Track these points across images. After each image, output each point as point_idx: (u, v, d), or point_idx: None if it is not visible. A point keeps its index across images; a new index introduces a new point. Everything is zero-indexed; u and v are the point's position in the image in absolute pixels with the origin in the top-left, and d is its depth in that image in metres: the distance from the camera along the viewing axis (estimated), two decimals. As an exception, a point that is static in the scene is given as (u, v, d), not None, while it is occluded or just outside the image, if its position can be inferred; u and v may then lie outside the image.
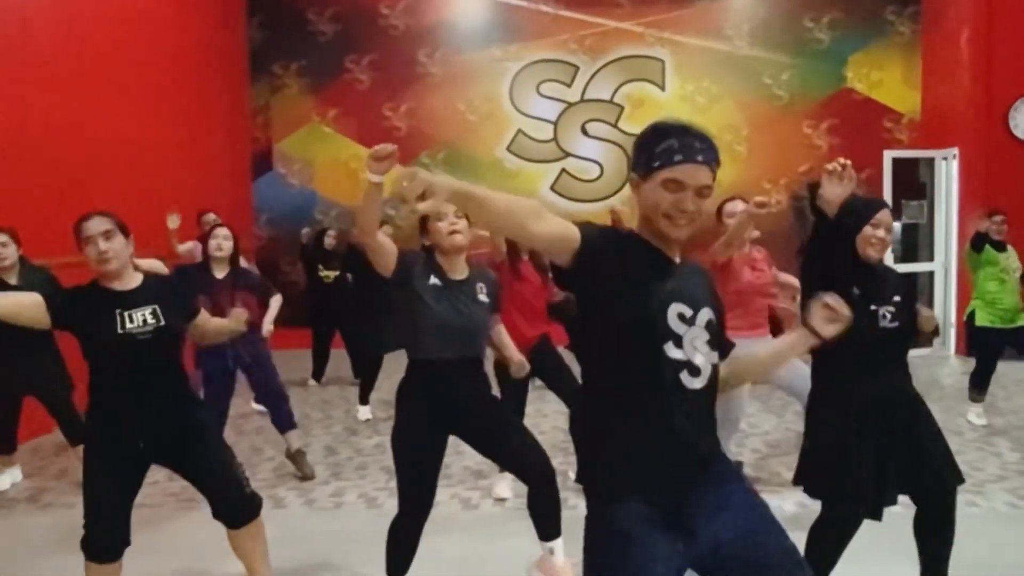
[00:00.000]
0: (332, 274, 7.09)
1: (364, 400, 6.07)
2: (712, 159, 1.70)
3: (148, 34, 7.17)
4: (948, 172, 8.19)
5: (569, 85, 9.20)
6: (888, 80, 9.00)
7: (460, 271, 2.81)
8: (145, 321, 2.60)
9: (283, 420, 4.68)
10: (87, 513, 2.61)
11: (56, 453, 5.19)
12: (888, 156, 8.09)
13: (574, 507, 4.10)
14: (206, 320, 2.86)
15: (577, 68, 9.18)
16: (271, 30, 9.34)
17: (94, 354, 2.64)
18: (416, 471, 2.79)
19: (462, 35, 9.24)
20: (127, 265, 2.69)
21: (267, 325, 4.45)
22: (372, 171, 2.44)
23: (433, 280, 2.72)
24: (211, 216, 6.20)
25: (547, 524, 2.99)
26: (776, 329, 4.69)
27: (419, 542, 2.85)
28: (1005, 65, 7.91)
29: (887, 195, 8.12)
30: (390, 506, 4.18)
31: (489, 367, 2.94)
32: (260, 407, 5.43)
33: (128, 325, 2.58)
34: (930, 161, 8.59)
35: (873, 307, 2.60)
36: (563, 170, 9.25)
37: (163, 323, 2.62)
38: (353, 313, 6.20)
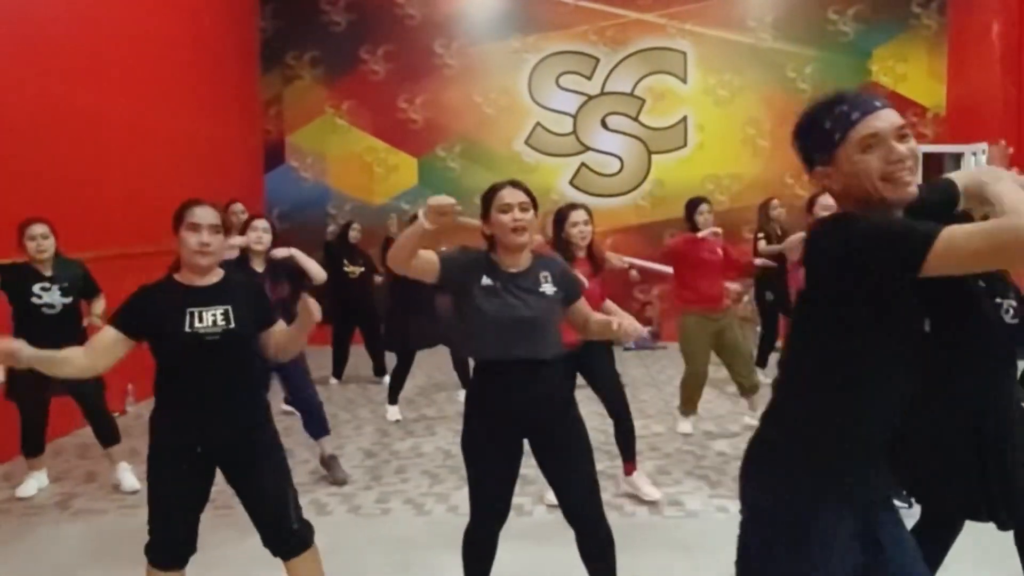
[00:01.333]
0: (357, 270, 6.91)
1: (393, 400, 5.89)
2: (887, 103, 1.58)
3: (158, 24, 6.95)
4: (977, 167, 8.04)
5: (589, 78, 9.02)
6: (913, 74, 8.86)
7: (519, 263, 2.60)
8: (215, 322, 2.44)
9: (317, 426, 4.51)
10: (151, 517, 2.45)
11: (80, 455, 5.00)
12: (919, 151, 7.93)
13: (632, 514, 3.96)
14: (280, 331, 2.65)
15: (597, 60, 9.00)
16: (284, 20, 9.11)
17: (160, 351, 2.48)
18: (485, 478, 2.63)
19: (479, 26, 9.04)
20: (216, 264, 2.55)
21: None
22: (430, 222, 2.42)
23: (486, 280, 2.53)
24: (239, 206, 5.99)
25: (603, 571, 2.70)
26: None
27: (497, 549, 2.70)
28: (1036, 58, 7.79)
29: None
30: (438, 512, 4.06)
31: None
32: (289, 408, 5.24)
33: (196, 324, 2.42)
34: (956, 157, 8.46)
35: (997, 300, 2.45)
36: (583, 164, 9.07)
37: (233, 326, 2.45)
38: (386, 311, 6.00)
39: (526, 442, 2.63)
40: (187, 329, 2.40)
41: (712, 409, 5.90)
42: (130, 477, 4.34)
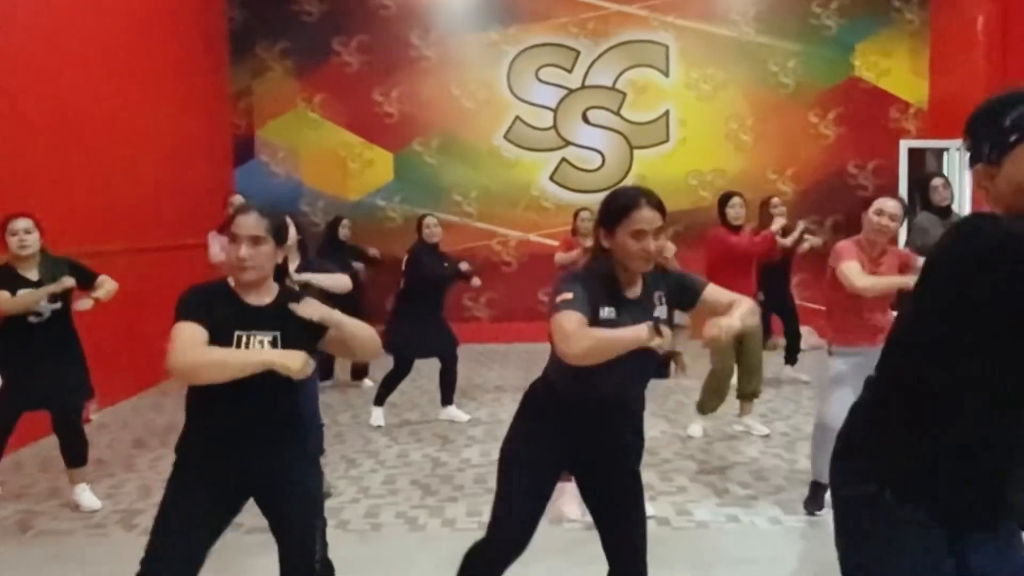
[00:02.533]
0: (361, 267, 6.77)
1: (380, 402, 5.60)
2: None
3: (122, 14, 6.59)
4: (962, 163, 7.98)
5: (570, 71, 8.81)
6: (896, 69, 8.79)
7: (636, 285, 2.33)
8: (261, 347, 2.18)
9: (313, 446, 4.22)
10: (149, 547, 2.16)
11: (42, 469, 4.65)
12: (904, 146, 7.87)
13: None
14: (340, 328, 2.30)
15: (578, 53, 8.79)
16: (253, 9, 8.76)
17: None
18: (522, 497, 2.39)
19: (457, 16, 8.78)
20: (267, 278, 2.25)
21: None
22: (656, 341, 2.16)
23: (605, 312, 2.25)
24: (238, 198, 5.70)
25: None
26: None
27: None
28: (1020, 53, 7.74)
29: (903, 186, 7.93)
30: (433, 527, 3.81)
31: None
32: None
33: (242, 349, 2.17)
34: (937, 152, 8.41)
35: None
36: (563, 159, 8.86)
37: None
38: (393, 313, 5.71)
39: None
40: None
41: (707, 411, 5.73)
42: (90, 497, 4.01)
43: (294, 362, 2.07)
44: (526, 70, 8.80)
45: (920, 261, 3.82)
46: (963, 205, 7.99)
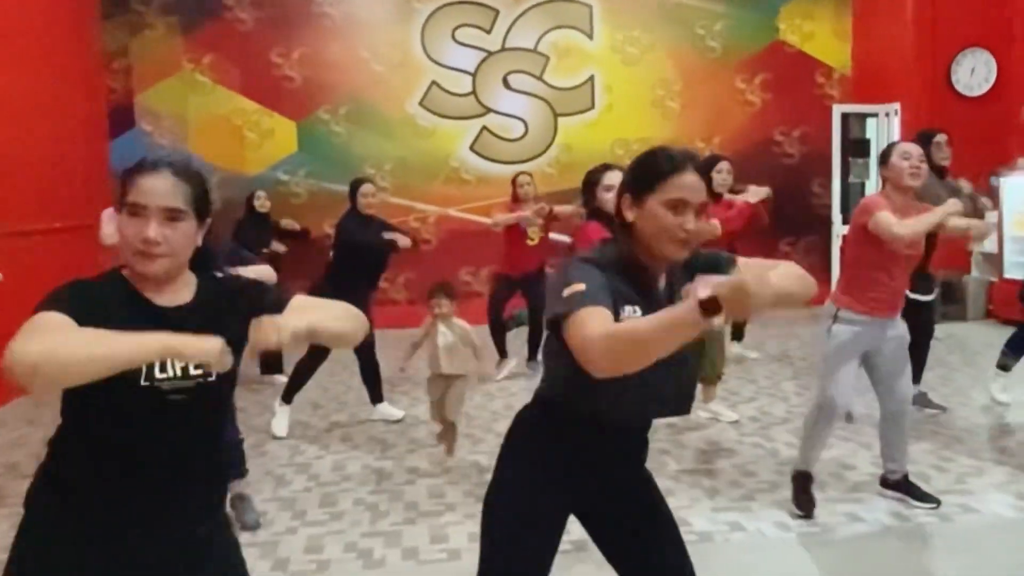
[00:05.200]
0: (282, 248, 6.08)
1: (288, 398, 4.85)
2: None
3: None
4: (890, 128, 7.88)
5: (488, 31, 8.17)
6: (820, 33, 8.60)
7: (661, 278, 1.80)
8: (186, 370, 1.51)
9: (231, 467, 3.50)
10: None
11: None
12: (837, 111, 7.68)
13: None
14: (320, 334, 1.60)
15: (497, 12, 8.15)
16: (126, -44, 7.67)
17: (85, 403, 1.48)
18: (525, 553, 1.84)
19: (364, -30, 7.98)
20: (182, 268, 1.57)
21: None
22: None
23: (627, 311, 1.68)
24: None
25: None
26: None
27: None
28: (947, 18, 7.67)
29: (836, 153, 7.74)
30: (393, 561, 3.19)
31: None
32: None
33: (157, 372, 1.49)
34: (861, 117, 8.29)
35: None
36: (484, 127, 8.24)
37: (213, 377, 1.52)
38: (320, 295, 4.97)
39: None
40: (143, 382, 1.47)
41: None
42: None
43: (211, 347, 1.34)
44: (441, 31, 8.10)
45: (955, 220, 3.51)
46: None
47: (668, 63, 8.40)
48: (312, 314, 1.56)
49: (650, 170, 1.74)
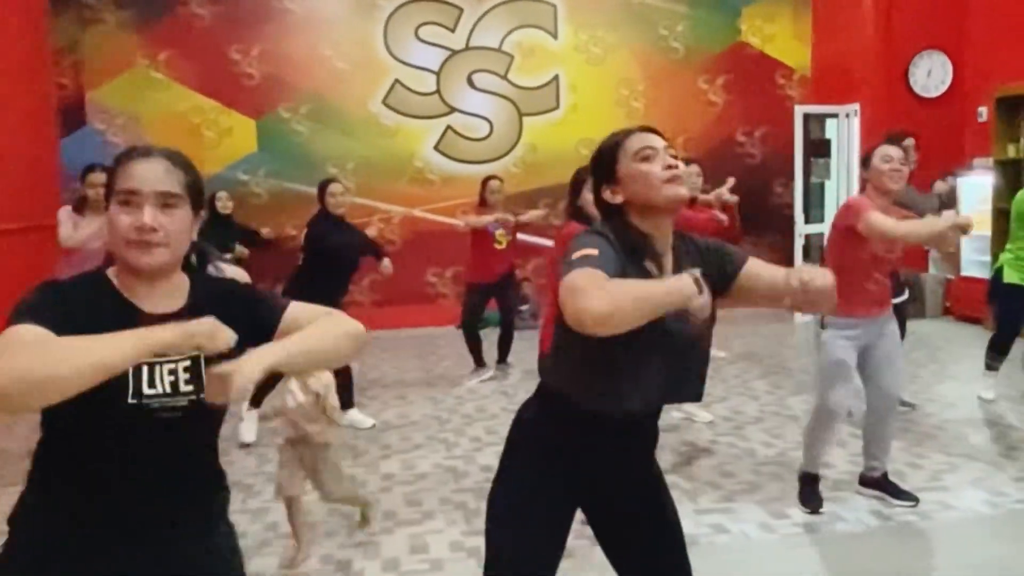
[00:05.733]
0: (245, 251, 5.91)
1: (257, 402, 4.70)
2: None
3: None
4: (850, 129, 7.99)
5: (452, 30, 8.07)
6: (780, 34, 8.68)
7: (666, 251, 1.76)
8: (175, 386, 1.39)
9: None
10: None
11: None
12: (799, 112, 7.75)
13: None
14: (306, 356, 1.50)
15: (461, 10, 8.06)
16: (76, -52, 7.41)
17: (68, 423, 1.36)
18: (529, 548, 1.81)
19: (324, -34, 7.82)
20: (175, 264, 1.45)
21: None
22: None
23: None
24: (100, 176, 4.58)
25: None
26: None
27: None
28: (905, 21, 7.80)
29: (799, 153, 7.82)
30: (372, 571, 3.10)
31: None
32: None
33: (146, 389, 1.36)
34: (821, 118, 8.39)
35: None
36: (448, 127, 8.14)
37: (204, 393, 1.39)
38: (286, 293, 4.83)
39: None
40: (129, 399, 1.35)
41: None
42: None
43: (217, 331, 1.27)
44: (404, 28, 7.98)
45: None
46: (851, 171, 8.01)
47: (632, 63, 8.40)
48: (303, 338, 1.43)
49: (607, 147, 1.79)
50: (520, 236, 6.33)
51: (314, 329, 1.46)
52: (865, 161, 3.30)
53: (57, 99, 7.43)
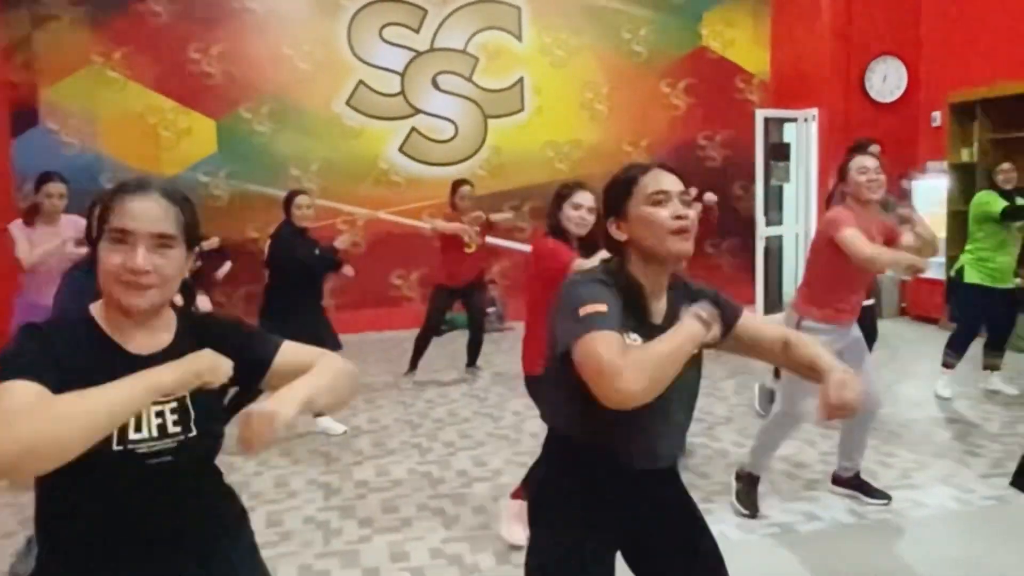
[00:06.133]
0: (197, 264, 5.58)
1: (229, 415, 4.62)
2: None
3: None
4: (809, 133, 8.14)
5: (417, 31, 8.02)
6: (740, 39, 8.80)
7: (661, 299, 1.72)
8: (163, 428, 1.35)
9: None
10: None
11: None
12: (760, 116, 7.86)
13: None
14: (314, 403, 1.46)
15: (425, 12, 8.01)
16: (28, -58, 7.17)
17: (55, 480, 1.29)
18: None
19: (286, -36, 7.70)
20: (168, 303, 1.42)
21: None
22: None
23: (629, 339, 1.61)
24: (59, 187, 4.39)
25: None
26: None
27: None
28: (862, 28, 7.97)
29: (759, 157, 7.93)
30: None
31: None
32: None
33: (132, 434, 1.32)
34: (780, 122, 8.53)
35: None
36: (413, 129, 8.08)
37: (194, 432, 1.37)
38: (266, 315, 4.71)
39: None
40: (115, 446, 1.29)
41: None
42: None
43: (217, 362, 1.32)
44: (368, 28, 7.90)
45: (906, 237, 3.58)
46: (809, 174, 8.15)
47: (596, 66, 8.44)
48: (312, 385, 1.42)
49: (621, 180, 1.73)
50: (488, 239, 6.31)
51: (327, 369, 1.48)
52: (842, 173, 3.34)
53: (8, 98, 7.18)
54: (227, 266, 6.27)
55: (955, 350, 5.14)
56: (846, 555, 3.14)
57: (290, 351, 1.51)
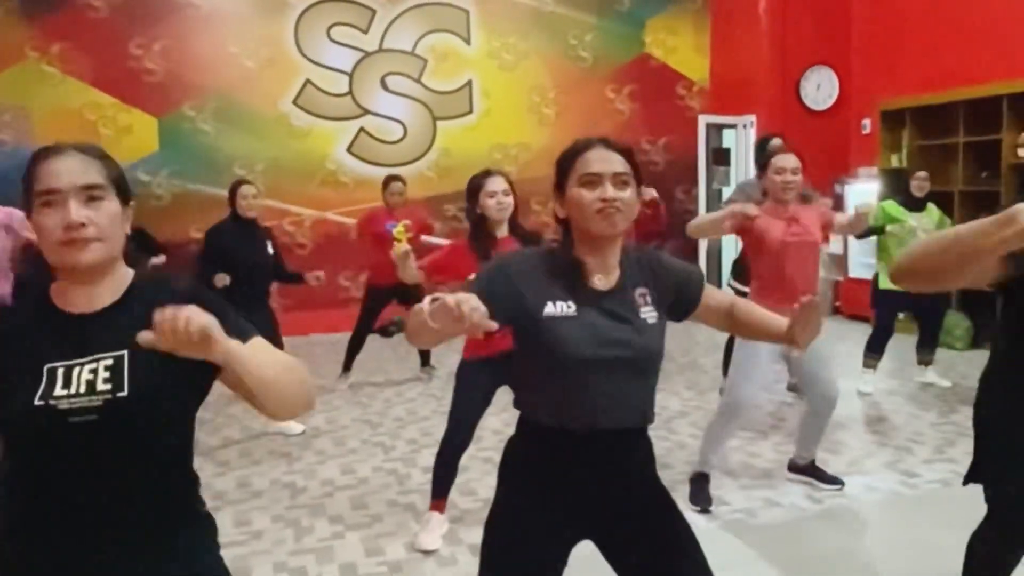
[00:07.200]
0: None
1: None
2: None
3: None
4: (747, 138, 8.41)
5: (365, 31, 7.99)
6: (682, 47, 9.04)
7: (609, 270, 1.74)
8: (91, 385, 1.29)
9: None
10: None
11: None
12: (703, 121, 8.10)
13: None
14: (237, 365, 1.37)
15: (374, 12, 7.99)
16: (-43, -71, 6.89)
17: (4, 433, 1.31)
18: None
19: (231, -39, 7.59)
20: (116, 258, 1.38)
21: None
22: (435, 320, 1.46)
23: (557, 307, 1.67)
24: None
25: None
26: None
27: None
28: (796, 37, 8.30)
29: (702, 162, 8.17)
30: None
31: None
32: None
33: (57, 390, 1.28)
34: (719, 128, 8.81)
35: None
36: (361, 129, 8.04)
37: (125, 391, 1.29)
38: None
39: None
40: (36, 400, 1.27)
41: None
42: None
43: (196, 319, 1.17)
44: (316, 28, 7.84)
45: (839, 217, 3.77)
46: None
47: (543, 71, 8.55)
48: (265, 352, 1.37)
49: (563, 159, 1.77)
50: (425, 238, 6.24)
51: (282, 359, 1.39)
52: (762, 169, 3.50)
53: (-65, 91, 6.88)
54: (161, 258, 6.05)
55: (872, 351, 5.40)
56: (805, 538, 3.29)
57: (260, 347, 1.40)
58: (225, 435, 4.79)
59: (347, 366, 5.91)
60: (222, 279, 4.42)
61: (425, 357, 6.14)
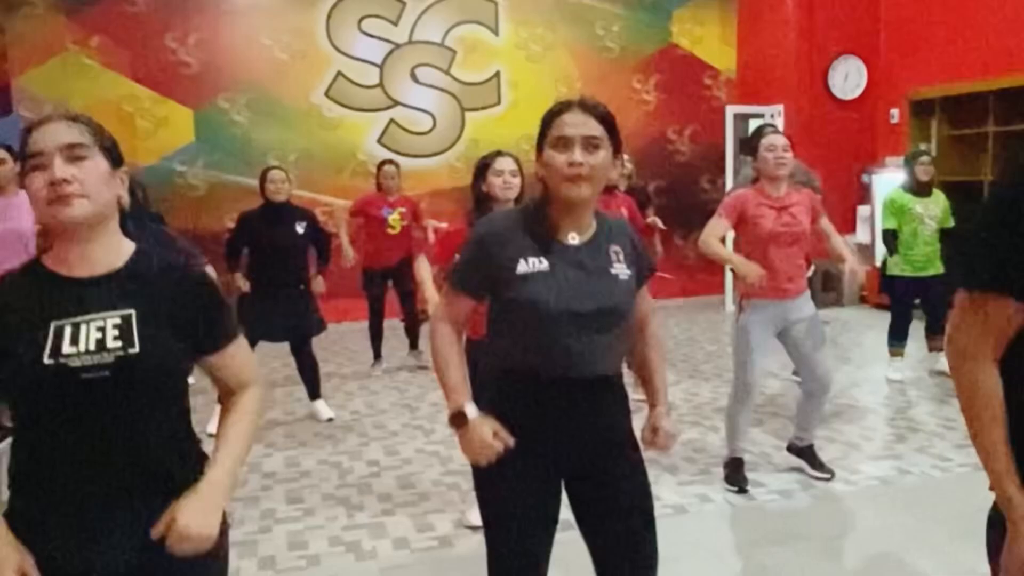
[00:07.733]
0: None
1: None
2: None
3: None
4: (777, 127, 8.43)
5: (395, 23, 8.09)
6: (708, 37, 9.08)
7: (583, 228, 1.82)
8: (101, 343, 1.35)
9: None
10: None
11: None
12: (730, 111, 8.14)
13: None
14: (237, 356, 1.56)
15: (404, 4, 8.08)
16: (0, -74, 7.05)
17: (9, 394, 1.39)
18: (513, 533, 1.86)
19: (265, -46, 7.70)
20: (107, 219, 1.42)
21: None
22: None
23: (530, 264, 1.76)
24: None
25: None
26: None
27: None
28: (824, 27, 8.30)
29: (729, 152, 8.22)
30: (249, 570, 2.99)
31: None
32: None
33: (66, 347, 1.34)
34: (744, 118, 8.84)
35: None
36: (392, 120, 8.15)
37: (135, 349, 1.36)
38: (251, 292, 4.77)
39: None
40: (46, 359, 1.32)
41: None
42: None
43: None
44: (347, 20, 7.94)
45: (838, 243, 3.76)
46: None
47: (570, 61, 8.62)
48: (241, 449, 1.51)
49: (543, 120, 1.85)
50: (430, 222, 6.32)
51: (250, 415, 1.55)
52: (753, 151, 3.56)
53: (-21, 84, 7.06)
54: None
55: (895, 338, 5.45)
56: (795, 522, 3.36)
57: (240, 354, 1.54)
58: (269, 417, 4.92)
59: (377, 353, 6.05)
60: (243, 283, 4.75)
61: (412, 340, 6.20)
